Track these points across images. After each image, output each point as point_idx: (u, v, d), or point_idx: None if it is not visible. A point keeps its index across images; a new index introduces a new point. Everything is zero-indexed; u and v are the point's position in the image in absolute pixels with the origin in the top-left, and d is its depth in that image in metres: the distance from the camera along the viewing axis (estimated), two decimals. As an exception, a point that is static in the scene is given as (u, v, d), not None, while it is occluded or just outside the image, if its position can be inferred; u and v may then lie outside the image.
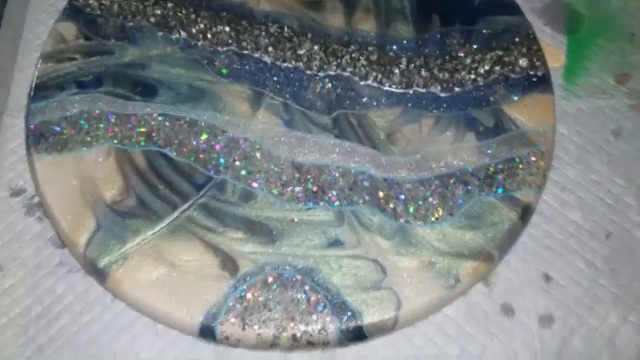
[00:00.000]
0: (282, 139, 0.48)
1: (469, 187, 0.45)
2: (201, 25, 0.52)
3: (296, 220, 0.44)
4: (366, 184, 0.46)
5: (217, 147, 0.47)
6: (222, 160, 0.47)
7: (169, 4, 0.53)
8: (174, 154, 0.47)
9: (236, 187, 0.46)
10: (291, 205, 0.45)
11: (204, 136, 0.47)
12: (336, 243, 0.43)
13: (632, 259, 0.47)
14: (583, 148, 0.52)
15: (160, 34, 0.52)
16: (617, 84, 0.55)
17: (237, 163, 0.46)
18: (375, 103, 0.50)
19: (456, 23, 0.53)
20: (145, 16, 0.53)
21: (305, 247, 0.43)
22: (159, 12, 0.53)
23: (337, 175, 0.46)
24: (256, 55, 0.51)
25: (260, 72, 0.51)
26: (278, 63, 0.51)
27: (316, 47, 0.51)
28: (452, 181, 0.46)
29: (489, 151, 0.47)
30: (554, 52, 0.56)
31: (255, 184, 0.46)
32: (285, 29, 0.52)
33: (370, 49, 0.52)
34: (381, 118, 0.49)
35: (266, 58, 0.51)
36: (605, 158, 0.51)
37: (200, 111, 0.49)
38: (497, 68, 0.51)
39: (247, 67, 0.51)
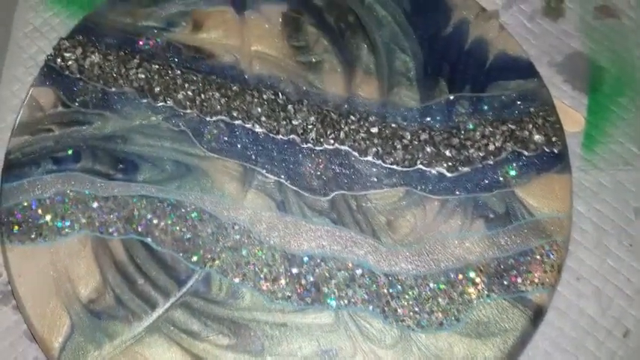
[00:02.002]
0: (274, 225, 0.43)
1: (478, 287, 0.41)
2: (189, 92, 0.48)
3: (287, 323, 0.40)
4: (365, 280, 0.42)
5: (203, 235, 0.43)
6: (208, 251, 0.42)
7: (154, 67, 0.48)
8: (156, 244, 0.43)
9: (222, 283, 0.42)
10: (282, 304, 0.41)
11: (189, 223, 0.43)
12: (330, 352, 0.40)
13: (653, 361, 0.43)
14: (601, 229, 0.47)
15: (144, 101, 0.48)
16: (641, 152, 0.50)
17: (225, 254, 0.42)
18: (375, 183, 0.45)
19: (465, 88, 0.48)
20: (128, 80, 0.48)
21: (297, 357, 0.39)
22: (142, 76, 0.48)
23: (334, 268, 0.42)
24: (248, 125, 0.47)
25: (252, 145, 0.46)
26: (271, 135, 0.47)
27: (312, 118, 0.47)
28: (460, 277, 0.42)
29: (500, 243, 0.43)
30: (574, 115, 0.52)
31: (243, 280, 0.42)
32: (280, 95, 0.48)
33: (371, 119, 0.47)
34: (382, 200, 0.45)
35: (258, 129, 0.47)
36: (625, 241, 0.47)
37: (185, 191, 0.44)
38: (509, 144, 0.46)
39: (238, 139, 0.46)
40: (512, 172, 0.45)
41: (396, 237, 0.43)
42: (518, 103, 0.48)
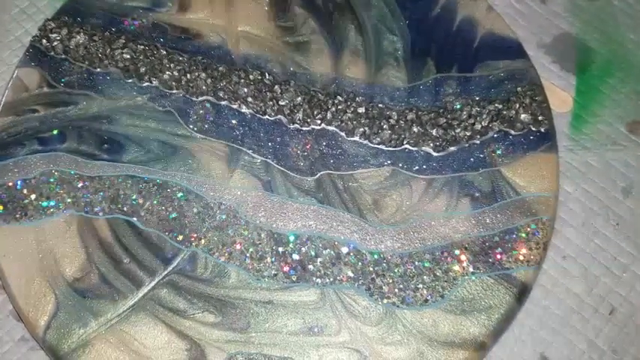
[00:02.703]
0: (260, 204, 0.44)
1: (463, 264, 0.42)
2: (175, 72, 0.48)
3: (273, 301, 0.41)
4: (351, 258, 0.42)
5: (189, 215, 0.43)
6: (194, 230, 0.43)
7: (140, 47, 0.49)
8: (142, 223, 0.43)
9: (208, 262, 0.42)
10: (268, 282, 0.41)
11: (175, 203, 0.44)
12: (315, 329, 0.40)
13: (638, 338, 0.44)
14: (589, 208, 0.48)
15: (130, 81, 0.48)
16: (630, 133, 0.51)
17: (211, 233, 0.43)
18: (362, 163, 0.46)
19: (453, 69, 0.48)
20: (113, 60, 0.48)
21: (282, 333, 0.40)
22: (128, 56, 0.48)
23: (320, 247, 0.43)
24: (234, 105, 0.47)
25: (238, 125, 0.47)
26: (258, 115, 0.47)
27: (299, 98, 0.47)
28: (445, 255, 0.42)
29: (485, 221, 0.43)
30: (562, 95, 0.52)
31: (229, 259, 0.42)
32: (267, 76, 0.48)
33: (358, 99, 0.47)
34: (369, 179, 0.45)
35: (245, 110, 0.47)
36: (612, 221, 0.47)
37: (172, 172, 0.45)
38: (495, 124, 0.46)
39: (224, 120, 0.47)
40: (499, 152, 0.45)
41: (382, 216, 0.44)
42: (506, 82, 0.48)
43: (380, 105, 0.47)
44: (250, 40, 0.50)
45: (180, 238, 0.43)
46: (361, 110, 0.47)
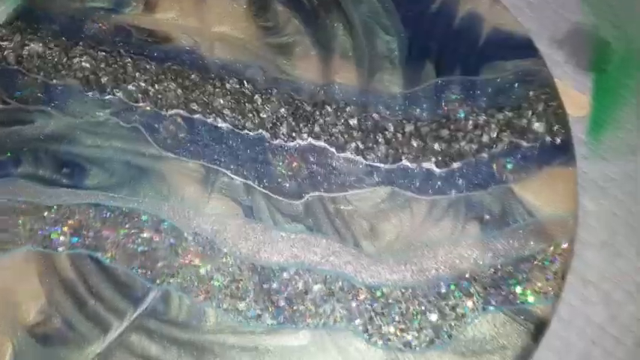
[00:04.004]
0: (241, 233, 0.40)
1: (473, 299, 0.38)
2: (141, 82, 0.44)
3: (258, 347, 0.37)
4: (344, 294, 0.39)
5: (160, 248, 0.40)
6: (166, 266, 0.39)
7: (101, 54, 0.44)
8: (107, 259, 0.39)
9: (182, 302, 0.38)
10: (252, 325, 0.38)
11: (143, 234, 0.40)
12: (306, 379, 0.37)
13: (667, 374, 0.41)
14: (609, 227, 0.44)
15: (90, 94, 0.44)
16: (652, 139, 0.47)
17: (185, 269, 0.39)
18: (356, 182, 0.42)
19: (455, 71, 0.45)
20: (71, 71, 0.44)
21: (269, 386, 0.37)
22: (87, 65, 0.44)
23: (309, 282, 0.39)
24: (209, 119, 0.43)
25: (214, 142, 0.43)
26: (237, 130, 0.43)
27: (283, 110, 0.43)
28: (452, 289, 0.39)
29: (496, 248, 0.40)
30: (578, 97, 0.48)
31: (206, 298, 0.38)
32: (245, 84, 0.44)
33: (350, 109, 0.43)
34: (364, 202, 0.41)
35: (221, 124, 0.43)
36: (636, 241, 0.44)
37: (140, 198, 0.41)
38: (505, 135, 0.43)
39: (198, 136, 0.43)
40: (510, 166, 0.42)
41: (379, 244, 0.40)
42: (516, 86, 0.44)
43: (374, 115, 0.43)
44: (226, 42, 0.46)
45: (151, 274, 0.39)
46: (353, 122, 0.43)
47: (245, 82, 0.44)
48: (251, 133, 0.43)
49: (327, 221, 0.41)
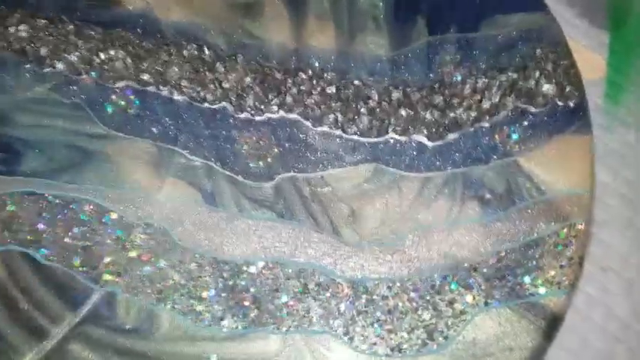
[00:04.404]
0: (201, 223, 0.35)
1: (473, 293, 0.33)
2: (85, 51, 0.38)
3: (221, 355, 0.32)
4: (322, 291, 0.34)
5: (105, 243, 0.35)
6: (111, 263, 0.34)
7: (41, 22, 0.39)
8: (43, 256, 0.34)
9: (130, 305, 0.33)
10: (212, 330, 0.33)
11: (86, 227, 0.35)
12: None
13: None
14: (632, 203, 0.39)
15: (27, 67, 0.38)
16: (680, 102, 0.41)
17: (134, 266, 0.34)
18: (334, 160, 0.37)
19: (450, 29, 0.39)
20: (6, 42, 0.39)
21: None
22: (25, 35, 0.39)
23: (281, 277, 0.34)
24: (164, 92, 0.38)
25: (169, 118, 0.37)
26: (195, 104, 0.38)
27: (249, 78, 0.38)
28: (448, 281, 0.33)
29: (500, 232, 0.35)
30: (592, 57, 0.43)
31: (159, 299, 0.33)
32: (206, 50, 0.39)
33: (327, 76, 0.38)
34: (344, 182, 0.36)
35: (178, 97, 0.38)
36: (664, 219, 0.38)
37: (82, 185, 0.36)
38: (509, 99, 0.37)
39: (151, 111, 0.37)
40: (515, 136, 0.37)
41: (362, 231, 0.35)
42: (520, 44, 0.39)
43: (356, 82, 0.38)
44: (184, 3, 0.40)
45: (93, 273, 0.34)
46: (331, 90, 0.38)
47: (205, 47, 0.39)
48: (212, 106, 0.38)
49: (300, 206, 0.36)
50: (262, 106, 0.38)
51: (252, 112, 0.37)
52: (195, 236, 0.35)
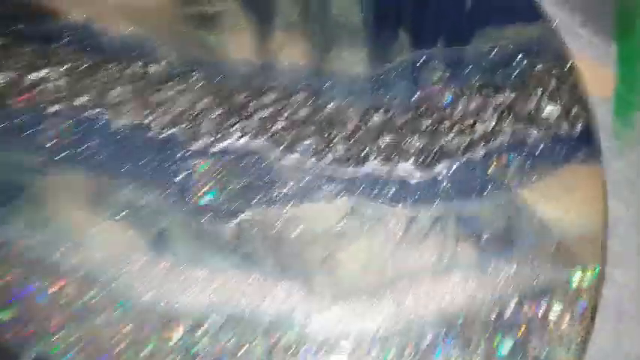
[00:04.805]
0: (144, 273, 0.30)
1: (471, 352, 0.29)
2: (13, 72, 0.34)
3: None
4: (291, 354, 0.29)
5: (35, 299, 0.30)
6: (42, 320, 0.29)
7: (-40, 34, 0.35)
8: (-44, 317, 0.29)
9: (63, 374, 0.29)
10: (158, 404, 0.28)
11: (7, 278, 0.30)
12: None
13: None
14: (650, 239, 0.35)
15: (-56, 88, 0.34)
16: (697, 122, 0.38)
17: (67, 323, 0.29)
18: (307, 195, 0.32)
19: (438, 42, 0.35)
20: None
21: None
22: (-58, 51, 0.34)
23: (242, 335, 0.29)
24: (104, 117, 0.33)
25: (111, 147, 0.33)
26: (141, 130, 0.33)
27: (207, 100, 0.34)
28: (438, 341, 0.29)
29: (499, 280, 0.30)
30: (600, 71, 0.39)
31: (95, 368, 0.29)
32: (154, 69, 0.34)
33: (298, 97, 0.34)
34: (318, 220, 0.32)
35: (121, 123, 0.33)
36: (686, 257, 0.35)
37: (7, 226, 0.31)
38: (507, 123, 0.33)
39: (89, 138, 0.33)
40: (515, 166, 0.32)
41: (338, 279, 0.31)
42: (518, 59, 0.35)
43: (331, 104, 0.34)
44: (131, 14, 0.36)
45: (22, 332, 0.29)
46: (302, 114, 0.34)
47: (153, 65, 0.34)
48: (161, 134, 0.33)
49: (266, 250, 0.31)
50: (221, 133, 0.33)
51: (209, 140, 0.33)
52: (139, 287, 0.30)
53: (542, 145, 0.33)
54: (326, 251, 0.31)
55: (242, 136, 0.33)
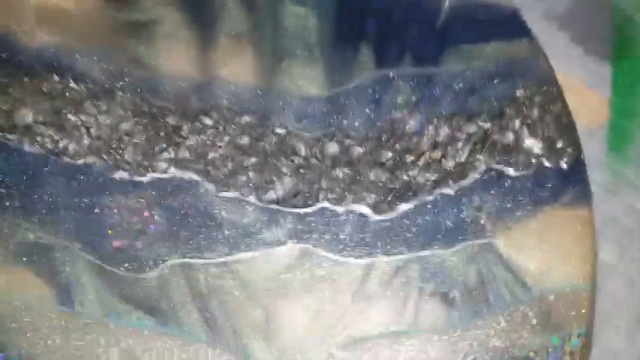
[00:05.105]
0: (50, 331, 0.26)
1: None
2: None
3: None
4: None
5: None
6: None
7: None
8: None
9: None
10: None
11: None
12: None
13: None
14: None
15: None
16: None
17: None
18: (244, 240, 0.28)
19: (403, 60, 0.31)
20: None
21: None
22: None
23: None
24: (11, 141, 0.29)
25: (16, 177, 0.28)
26: (53, 157, 0.29)
27: (131, 123, 0.29)
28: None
29: (471, 345, 0.26)
30: (591, 98, 0.35)
31: None
32: (73, 84, 0.30)
33: (240, 121, 0.30)
34: (257, 271, 0.28)
35: (30, 148, 0.29)
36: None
37: None
38: (480, 158, 0.29)
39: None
40: (489, 209, 0.28)
41: (280, 344, 0.26)
42: (496, 82, 0.31)
43: (278, 130, 0.30)
44: (53, 21, 0.31)
45: None
46: (244, 141, 0.29)
47: (72, 80, 0.30)
48: (75, 162, 0.29)
49: (193, 308, 0.27)
50: (146, 162, 0.29)
51: (132, 170, 0.29)
52: (41, 353, 0.26)
53: (520, 185, 0.29)
54: (265, 310, 0.27)
55: (169, 166, 0.29)
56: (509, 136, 0.30)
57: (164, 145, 0.29)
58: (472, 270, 0.28)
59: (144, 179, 0.29)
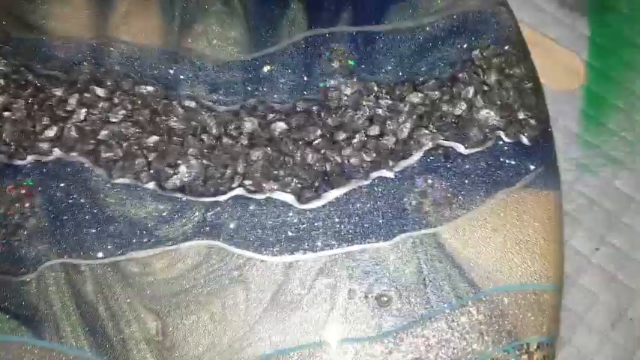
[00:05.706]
0: None
1: None
2: None
3: None
4: None
5: None
6: None
7: None
8: None
9: None
10: None
11: None
12: None
13: None
14: (623, 286, 0.27)
15: None
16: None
17: None
18: (140, 236, 0.25)
19: (341, 17, 0.27)
20: None
21: None
22: None
23: None
24: None
25: None
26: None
27: (6, 96, 0.25)
28: None
29: (404, 354, 0.23)
30: (565, 58, 0.31)
31: None
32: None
33: (140, 91, 0.26)
34: (154, 273, 0.25)
35: None
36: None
37: None
38: (426, 132, 0.25)
39: None
40: (435, 195, 0.25)
41: (178, 354, 0.23)
42: (449, 42, 0.27)
43: (186, 103, 0.26)
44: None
45: None
46: (144, 116, 0.25)
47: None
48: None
49: (77, 316, 0.23)
50: (26, 142, 0.25)
51: (9, 151, 0.25)
52: None
53: (473, 165, 0.25)
54: (160, 320, 0.23)
55: (53, 147, 0.25)
56: (461, 106, 0.26)
57: (48, 121, 0.25)
58: (412, 266, 0.24)
59: (23, 162, 0.25)
